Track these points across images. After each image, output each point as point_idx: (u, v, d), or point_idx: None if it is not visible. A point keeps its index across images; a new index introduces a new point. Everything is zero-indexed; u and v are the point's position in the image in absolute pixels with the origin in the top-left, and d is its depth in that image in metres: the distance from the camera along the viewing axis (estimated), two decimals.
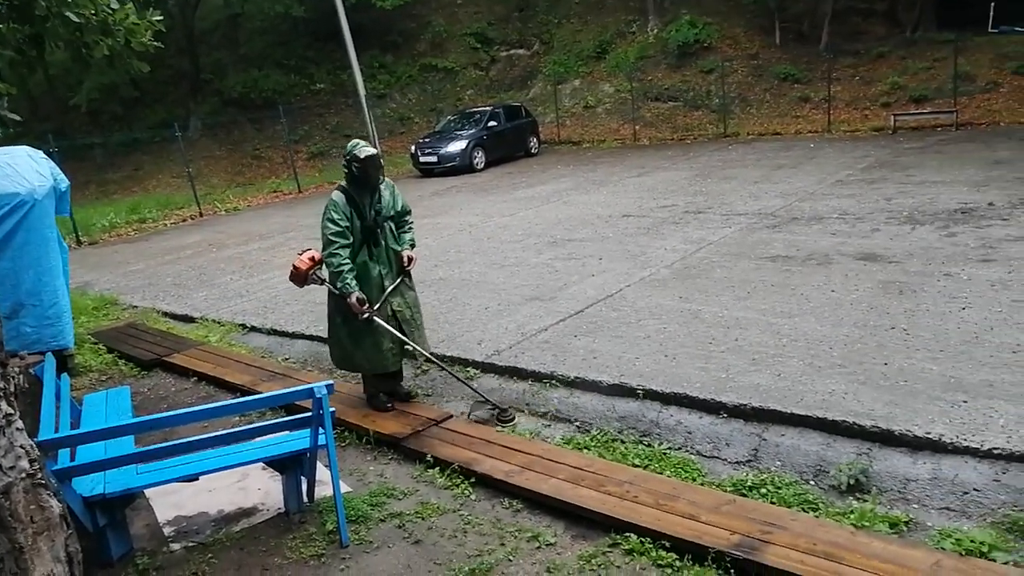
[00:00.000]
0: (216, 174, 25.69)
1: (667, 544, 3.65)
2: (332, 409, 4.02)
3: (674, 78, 23.96)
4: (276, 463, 4.33)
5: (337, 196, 5.13)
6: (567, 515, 4.06)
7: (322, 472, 4.52)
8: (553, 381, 5.64)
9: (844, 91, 20.45)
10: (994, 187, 10.22)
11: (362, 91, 24.42)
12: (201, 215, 18.90)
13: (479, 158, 20.31)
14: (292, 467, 4.33)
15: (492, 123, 21.00)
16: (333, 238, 5.01)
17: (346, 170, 5.15)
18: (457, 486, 4.51)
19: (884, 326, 5.78)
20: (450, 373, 5.73)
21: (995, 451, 3.95)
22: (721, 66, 22.10)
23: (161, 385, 6.95)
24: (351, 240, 5.08)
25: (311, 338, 7.54)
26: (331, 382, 4.00)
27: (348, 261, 5.03)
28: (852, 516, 3.81)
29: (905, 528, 3.74)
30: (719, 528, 3.66)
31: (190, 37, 29.12)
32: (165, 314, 9.39)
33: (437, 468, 4.71)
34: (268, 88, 27.87)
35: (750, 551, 3.46)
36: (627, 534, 3.77)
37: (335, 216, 5.04)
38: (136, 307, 9.89)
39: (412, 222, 5.50)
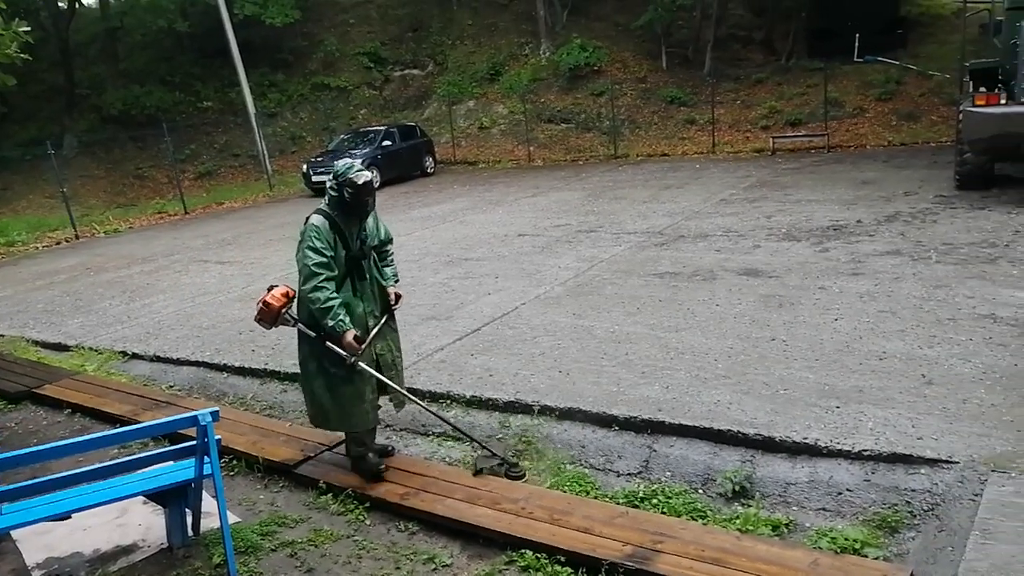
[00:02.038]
0: (94, 194, 24.41)
1: (562, 559, 3.68)
2: (218, 437, 3.87)
3: (566, 100, 24.52)
4: (158, 496, 4.13)
5: (319, 221, 4.39)
6: (463, 535, 4.05)
7: (209, 503, 4.33)
8: (449, 400, 5.62)
9: (727, 114, 21.45)
10: (862, 205, 10.92)
11: (251, 109, 23.86)
12: (77, 238, 17.89)
13: (374, 177, 20.10)
14: (175, 499, 4.14)
15: (387, 142, 20.87)
16: (317, 269, 4.27)
17: (334, 193, 4.41)
18: (351, 511, 4.41)
19: (765, 338, 6.06)
20: (447, 422, 5.07)
21: (865, 452, 4.20)
22: (611, 89, 22.78)
23: (31, 419, 6.51)
24: (336, 272, 4.39)
25: (198, 364, 7.25)
26: (216, 409, 3.85)
27: (337, 295, 4.34)
28: (738, 521, 3.96)
29: (786, 530, 3.91)
30: (612, 540, 3.73)
31: (64, 50, 27.66)
32: (35, 343, 8.80)
33: (331, 494, 4.60)
34: (151, 105, 26.73)
35: (642, 561, 3.54)
36: (523, 551, 3.79)
37: (318, 244, 4.30)
38: (2, 336, 9.24)
39: (393, 252, 4.88)
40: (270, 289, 4.54)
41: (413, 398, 4.89)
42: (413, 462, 4.87)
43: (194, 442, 3.87)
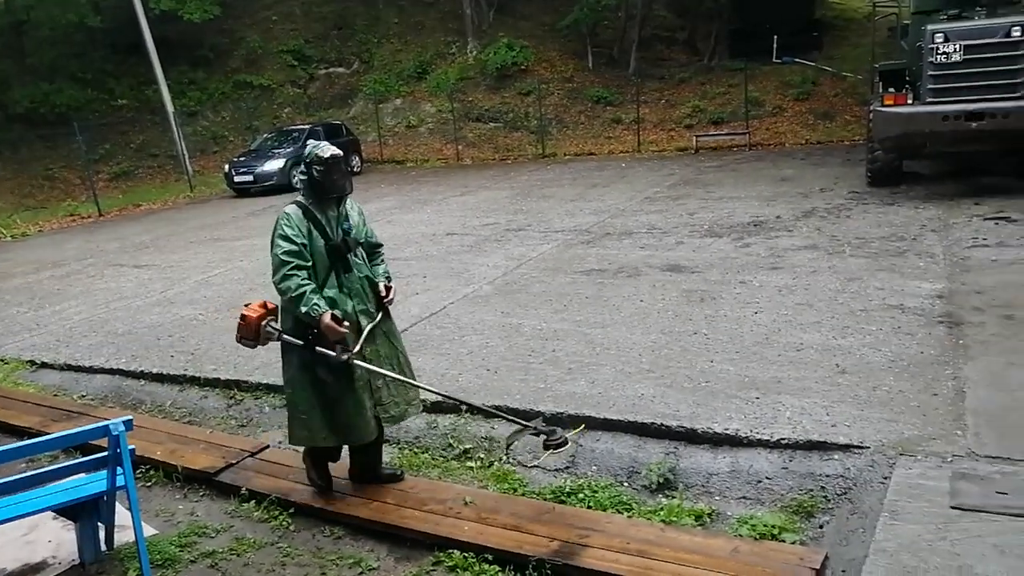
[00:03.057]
0: (0, 196, 23.27)
1: (490, 557, 3.68)
2: (132, 446, 3.73)
3: (494, 99, 24.54)
4: (67, 510, 3.95)
5: (291, 209, 4.15)
6: (390, 538, 4.00)
7: (124, 516, 4.17)
8: None
9: (652, 113, 21.82)
10: (781, 202, 11.26)
11: (170, 108, 23.11)
12: None
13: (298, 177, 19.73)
14: (87, 513, 3.97)
15: (312, 141, 20.47)
16: (286, 258, 3.95)
17: (304, 176, 4.22)
18: (275, 518, 4.32)
19: (688, 332, 6.18)
20: (471, 407, 4.83)
21: (783, 441, 4.32)
22: (538, 88, 22.90)
23: None
24: (310, 262, 4.05)
25: (112, 372, 6.97)
26: (129, 417, 3.71)
27: (309, 281, 3.98)
28: (662, 513, 4.02)
29: (708, 519, 3.99)
30: (539, 536, 3.74)
31: None
32: None
33: (253, 501, 4.49)
34: (61, 103, 25.56)
35: (568, 556, 3.56)
36: (450, 551, 3.77)
37: (288, 232, 4.01)
38: None
39: (383, 254, 4.66)
40: (247, 304, 4.21)
41: (429, 387, 4.59)
42: (340, 465, 4.78)
43: (106, 453, 3.72)
